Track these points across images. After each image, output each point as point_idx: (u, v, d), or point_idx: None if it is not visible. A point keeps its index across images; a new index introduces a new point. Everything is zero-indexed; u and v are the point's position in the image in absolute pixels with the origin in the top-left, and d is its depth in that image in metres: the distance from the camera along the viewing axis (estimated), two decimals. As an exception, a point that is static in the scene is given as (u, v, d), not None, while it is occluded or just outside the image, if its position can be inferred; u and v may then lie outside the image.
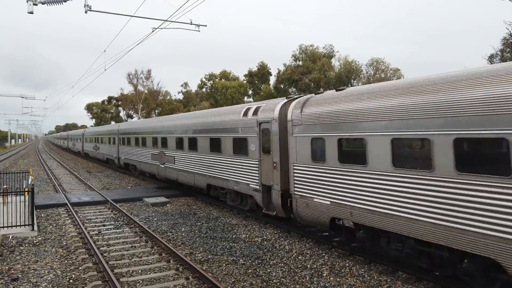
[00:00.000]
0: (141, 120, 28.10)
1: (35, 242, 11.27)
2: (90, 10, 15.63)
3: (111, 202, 17.03)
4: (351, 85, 49.16)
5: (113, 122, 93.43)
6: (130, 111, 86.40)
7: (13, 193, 14.23)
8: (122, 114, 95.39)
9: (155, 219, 14.12)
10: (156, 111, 76.89)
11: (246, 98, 64.54)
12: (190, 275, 8.46)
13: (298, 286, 7.99)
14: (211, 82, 70.78)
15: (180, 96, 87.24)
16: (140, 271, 8.82)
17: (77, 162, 43.96)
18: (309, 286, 8.00)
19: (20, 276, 8.64)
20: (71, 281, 8.37)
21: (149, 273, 8.73)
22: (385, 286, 7.92)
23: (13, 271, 8.90)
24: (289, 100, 11.87)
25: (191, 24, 18.09)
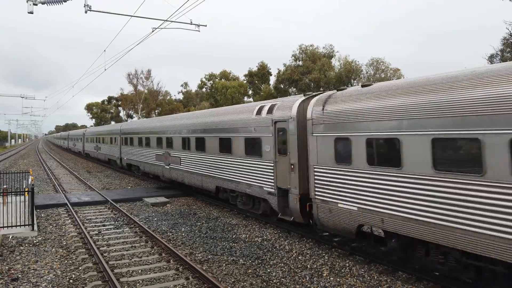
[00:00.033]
0: (144, 119, 27.75)
1: (35, 242, 11.27)
2: (90, 10, 15.64)
3: (111, 202, 17.04)
4: (351, 85, 49.12)
5: (113, 122, 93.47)
6: (130, 111, 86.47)
7: (13, 193, 14.23)
8: (122, 114, 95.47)
9: (155, 219, 14.13)
10: (156, 111, 76.90)
11: (246, 98, 64.57)
12: (190, 275, 8.47)
13: (298, 286, 7.99)
14: (211, 82, 70.81)
15: (180, 96, 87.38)
16: (140, 271, 8.83)
17: (77, 162, 43.96)
18: (309, 286, 8.01)
19: (20, 276, 8.64)
20: (71, 281, 8.38)
21: (149, 273, 8.74)
22: (385, 286, 7.92)
23: (13, 271, 8.90)
24: (307, 97, 11.10)
25: (191, 24, 18.11)
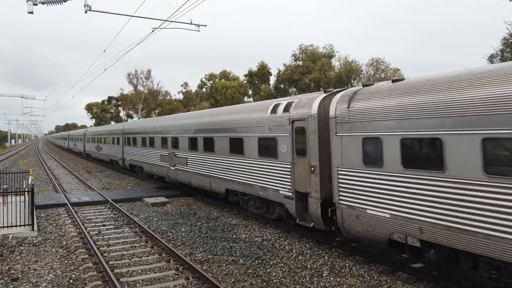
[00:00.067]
0: (148, 119, 27.29)
1: (35, 242, 11.27)
2: (90, 10, 15.65)
3: (111, 202, 17.04)
4: (351, 85, 49.11)
5: (113, 122, 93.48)
6: (130, 111, 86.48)
7: (13, 193, 14.23)
8: (122, 114, 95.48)
9: (155, 219, 14.13)
10: (156, 111, 76.91)
11: (246, 98, 64.61)
12: (190, 275, 8.47)
13: (298, 286, 7.99)
14: (211, 82, 70.83)
15: (180, 96, 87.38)
16: (140, 271, 8.83)
17: (77, 162, 43.96)
18: (309, 286, 8.01)
19: (20, 276, 8.64)
20: (71, 281, 8.38)
21: (149, 273, 8.74)
22: (385, 286, 7.92)
23: (13, 271, 8.91)
24: (329, 94, 10.38)
25: (191, 24, 18.11)
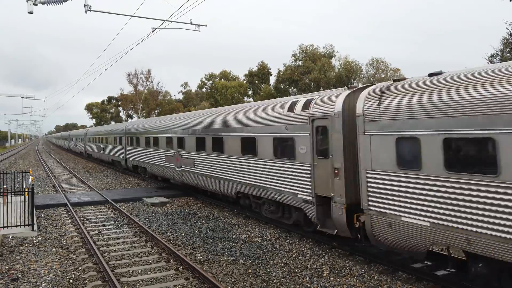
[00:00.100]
0: (152, 118, 26.74)
1: (35, 242, 11.28)
2: (90, 10, 15.65)
3: (111, 202, 17.04)
4: (351, 85, 49.07)
5: (113, 122, 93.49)
6: (130, 111, 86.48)
7: (13, 193, 14.23)
8: (122, 114, 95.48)
9: (155, 219, 14.13)
10: (156, 111, 76.92)
11: (246, 98, 64.63)
12: (190, 275, 8.47)
13: (298, 286, 7.99)
14: (211, 82, 70.85)
15: (180, 96, 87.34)
16: (140, 271, 8.83)
17: (77, 162, 43.97)
18: (309, 286, 8.01)
19: (20, 276, 8.64)
20: (71, 281, 8.38)
21: (149, 273, 8.74)
22: (385, 286, 7.92)
23: (13, 271, 8.91)
24: (354, 90, 9.71)
25: (191, 24, 18.12)
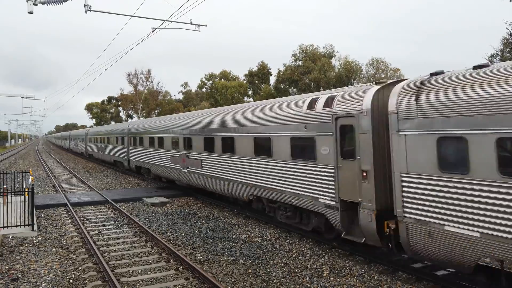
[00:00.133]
0: (157, 117, 26.32)
1: (35, 242, 11.28)
2: (90, 10, 15.65)
3: (111, 202, 17.04)
4: (351, 85, 49.06)
5: (113, 122, 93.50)
6: (130, 111, 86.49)
7: (13, 193, 14.23)
8: (122, 114, 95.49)
9: (155, 219, 14.13)
10: (156, 111, 76.93)
11: (246, 98, 64.65)
12: (190, 275, 8.47)
13: (298, 286, 7.99)
14: (211, 82, 70.86)
15: (180, 96, 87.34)
16: (140, 271, 8.83)
17: (77, 162, 43.97)
18: (309, 286, 8.01)
19: (20, 276, 8.65)
20: (71, 281, 8.38)
21: (149, 273, 8.74)
22: (385, 286, 7.92)
23: (13, 271, 8.91)
24: (384, 85, 9.00)
25: (191, 24, 18.12)
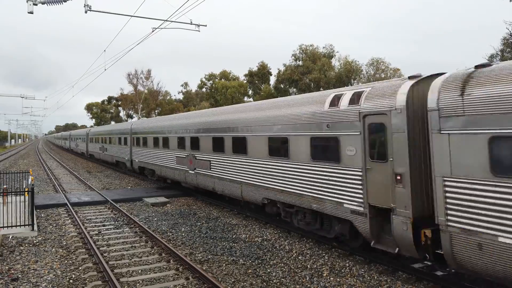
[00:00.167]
0: (161, 117, 26.11)
1: (35, 242, 11.28)
2: (90, 10, 15.65)
3: (111, 202, 17.04)
4: (351, 85, 49.04)
5: (113, 122, 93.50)
6: (130, 111, 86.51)
7: (13, 193, 14.23)
8: (122, 114, 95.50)
9: (155, 219, 14.13)
10: (156, 111, 76.93)
11: (246, 98, 64.68)
12: (190, 275, 8.47)
13: (298, 286, 7.99)
14: (211, 82, 70.89)
15: (180, 96, 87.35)
16: (140, 271, 8.83)
17: (77, 162, 43.97)
18: (309, 286, 8.01)
19: (20, 276, 8.64)
20: (71, 281, 8.38)
21: (149, 273, 8.74)
22: (385, 286, 7.92)
23: (13, 271, 8.91)
24: (418, 79, 8.14)
25: (191, 24, 18.11)
